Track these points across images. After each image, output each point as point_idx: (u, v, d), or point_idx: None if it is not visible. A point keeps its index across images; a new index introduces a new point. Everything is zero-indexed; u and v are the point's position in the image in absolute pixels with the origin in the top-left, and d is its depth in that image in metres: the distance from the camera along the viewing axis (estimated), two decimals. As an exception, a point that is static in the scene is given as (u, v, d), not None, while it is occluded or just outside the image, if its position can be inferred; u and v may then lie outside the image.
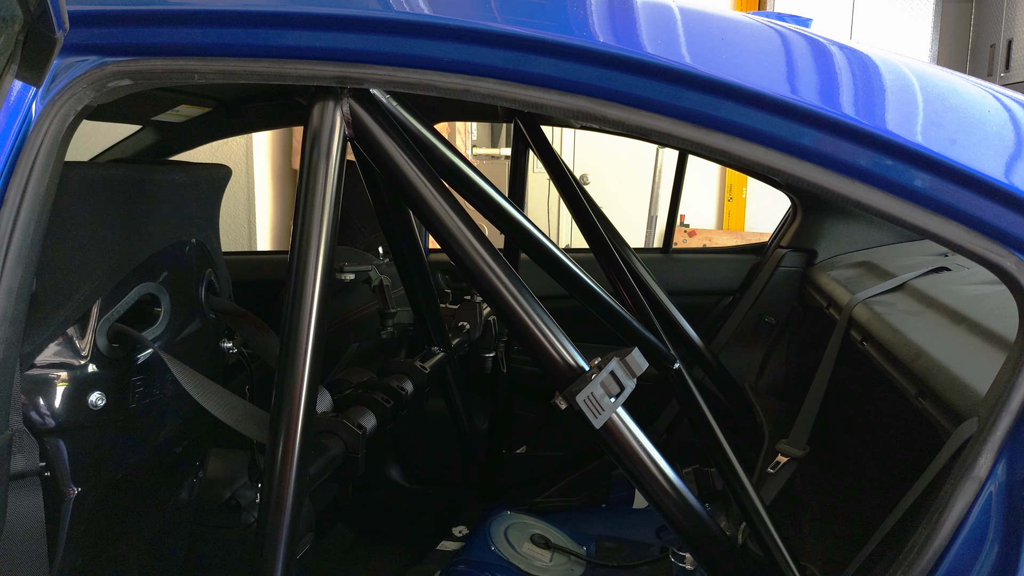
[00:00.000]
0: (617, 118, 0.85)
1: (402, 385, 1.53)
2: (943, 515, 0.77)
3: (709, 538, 1.00)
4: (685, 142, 0.85)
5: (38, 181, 0.84)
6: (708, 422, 1.47)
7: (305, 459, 0.94)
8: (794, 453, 1.52)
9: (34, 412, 0.99)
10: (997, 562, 0.77)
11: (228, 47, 0.88)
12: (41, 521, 0.95)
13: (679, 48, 0.84)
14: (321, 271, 0.91)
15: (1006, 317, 0.94)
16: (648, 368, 0.93)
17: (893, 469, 1.38)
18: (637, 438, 0.94)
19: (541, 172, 1.90)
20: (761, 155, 0.83)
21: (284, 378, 0.92)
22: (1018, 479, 0.76)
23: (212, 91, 1.70)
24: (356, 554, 2.06)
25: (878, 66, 0.87)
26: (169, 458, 1.26)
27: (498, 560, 1.68)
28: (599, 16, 0.87)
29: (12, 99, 0.83)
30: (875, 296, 1.62)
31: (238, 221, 3.88)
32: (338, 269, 2.05)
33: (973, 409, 0.85)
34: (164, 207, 1.18)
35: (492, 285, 0.93)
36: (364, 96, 0.93)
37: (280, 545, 0.92)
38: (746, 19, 0.95)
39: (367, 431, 1.31)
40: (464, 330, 1.95)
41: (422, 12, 0.86)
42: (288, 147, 4.16)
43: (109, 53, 0.89)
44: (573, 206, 1.63)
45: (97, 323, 1.05)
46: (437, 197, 0.94)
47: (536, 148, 1.73)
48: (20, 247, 0.83)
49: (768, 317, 2.30)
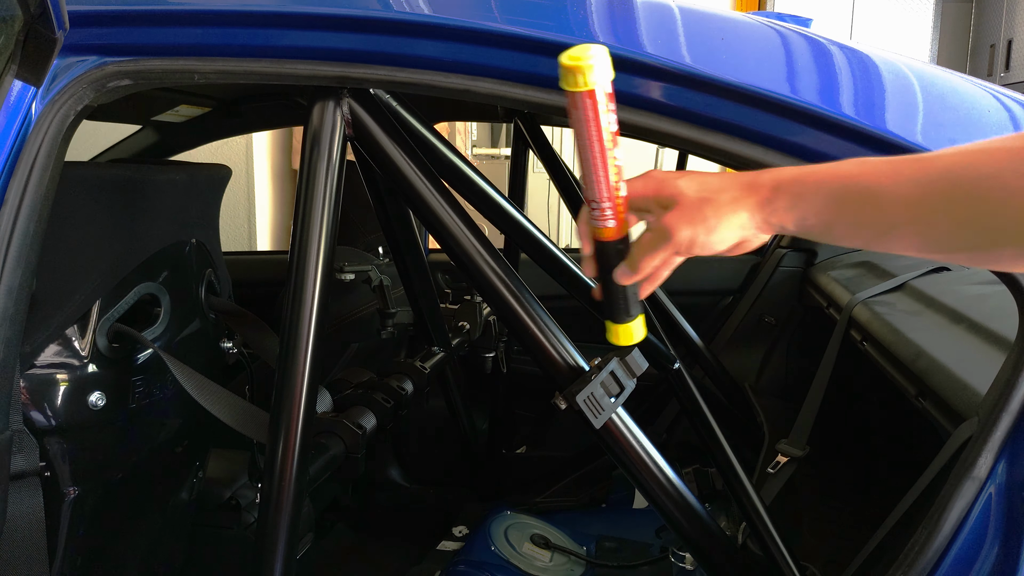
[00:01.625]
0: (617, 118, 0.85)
1: (402, 385, 1.53)
2: (943, 515, 0.77)
3: (709, 538, 1.00)
4: (685, 142, 0.85)
5: (38, 181, 0.84)
6: (708, 422, 1.47)
7: (305, 459, 0.94)
8: (794, 453, 1.52)
9: (34, 412, 0.99)
10: (997, 562, 0.77)
11: (228, 47, 0.88)
12: (41, 521, 0.95)
13: (679, 48, 0.84)
14: (321, 271, 0.91)
15: (1006, 317, 0.94)
16: (648, 368, 0.93)
17: (893, 469, 1.38)
18: (637, 438, 0.94)
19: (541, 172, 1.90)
20: (761, 155, 0.83)
21: (284, 378, 0.92)
22: (1018, 479, 0.76)
23: (212, 91, 1.70)
24: (356, 554, 2.06)
25: (878, 66, 0.87)
26: (169, 458, 1.26)
27: (498, 560, 1.68)
28: (599, 16, 0.87)
29: (12, 99, 0.83)
30: (875, 296, 1.62)
31: (238, 221, 3.88)
32: (338, 269, 2.05)
33: (973, 409, 0.85)
34: (164, 207, 1.18)
35: (492, 285, 0.93)
36: (364, 96, 0.93)
37: (280, 545, 0.92)
38: (746, 19, 0.95)
39: (367, 431, 1.31)
40: (464, 330, 1.95)
41: (422, 12, 0.86)
42: (288, 147, 4.16)
43: (109, 53, 0.89)
44: (573, 206, 1.63)
45: (97, 323, 1.05)
46: (437, 197, 0.94)
47: (536, 148, 1.73)
48: (20, 247, 0.83)
49: (768, 317, 2.30)
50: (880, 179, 0.60)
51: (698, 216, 0.65)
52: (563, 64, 0.65)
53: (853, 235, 0.62)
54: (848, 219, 0.62)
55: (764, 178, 0.65)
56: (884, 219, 0.60)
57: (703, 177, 0.67)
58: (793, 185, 0.63)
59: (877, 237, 0.61)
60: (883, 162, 0.61)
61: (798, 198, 0.63)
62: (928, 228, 0.58)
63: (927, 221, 0.58)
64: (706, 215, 0.65)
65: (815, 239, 0.65)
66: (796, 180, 0.64)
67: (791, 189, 0.63)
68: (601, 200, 0.70)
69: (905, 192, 0.58)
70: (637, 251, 0.70)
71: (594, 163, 0.69)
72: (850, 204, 0.61)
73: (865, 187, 0.61)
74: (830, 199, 0.62)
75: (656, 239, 0.68)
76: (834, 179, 0.62)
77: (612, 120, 0.67)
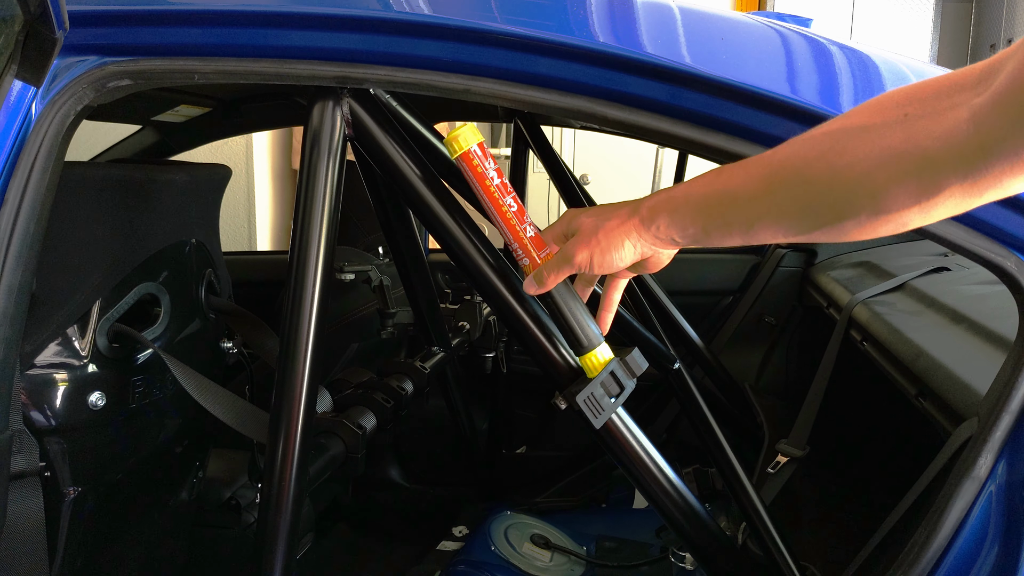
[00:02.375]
0: (617, 118, 0.85)
1: (402, 385, 1.53)
2: (943, 515, 0.77)
3: (709, 538, 1.00)
4: (685, 142, 0.85)
5: (38, 181, 0.84)
6: (708, 422, 1.47)
7: (305, 459, 0.94)
8: (794, 453, 1.52)
9: (34, 412, 0.99)
10: (997, 562, 0.77)
11: (228, 47, 0.88)
12: (41, 521, 0.95)
13: (679, 48, 0.84)
14: (321, 271, 0.91)
15: (1006, 317, 0.94)
16: (648, 368, 0.93)
17: (893, 469, 1.38)
18: (637, 438, 0.94)
19: (541, 172, 1.90)
20: (761, 155, 0.83)
21: (284, 378, 0.92)
22: (1018, 479, 0.77)
23: (212, 91, 1.70)
24: (356, 554, 2.06)
25: (878, 66, 0.87)
26: (169, 458, 1.26)
27: (498, 560, 1.68)
28: (599, 16, 0.87)
29: (12, 99, 0.83)
30: (875, 296, 1.62)
31: (238, 221, 3.88)
32: (338, 269, 2.05)
33: (973, 409, 0.85)
34: (164, 207, 1.18)
35: (492, 285, 0.93)
36: (364, 96, 0.93)
37: (280, 545, 0.92)
38: (746, 19, 0.95)
39: (367, 431, 1.31)
40: (464, 330, 1.95)
41: (422, 12, 0.86)
42: (288, 147, 4.16)
43: (109, 53, 0.89)
44: (573, 206, 1.63)
45: (97, 323, 1.05)
46: (437, 197, 0.94)
47: (536, 148, 1.73)
48: (20, 247, 0.83)
49: (768, 317, 2.30)
50: (734, 181, 0.69)
51: (592, 240, 0.77)
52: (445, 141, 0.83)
53: (725, 235, 0.70)
54: (717, 221, 0.70)
55: (644, 202, 0.76)
56: (746, 215, 0.68)
57: (602, 209, 0.79)
58: (667, 203, 0.74)
59: (745, 232, 0.69)
60: (736, 166, 0.70)
61: (674, 213, 0.73)
62: (782, 215, 0.66)
63: (780, 210, 0.65)
64: (599, 238, 0.77)
65: (700, 244, 0.74)
66: (669, 199, 0.74)
67: (666, 207, 0.74)
68: (510, 243, 0.84)
69: (755, 188, 0.67)
70: (543, 268, 0.82)
71: (490, 213, 0.84)
72: (715, 208, 0.70)
73: (723, 191, 0.69)
74: (699, 209, 0.72)
75: (558, 259, 0.81)
76: (698, 191, 0.72)
77: (494, 174, 0.82)
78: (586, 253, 0.78)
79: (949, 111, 0.55)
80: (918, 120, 0.57)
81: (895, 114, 0.62)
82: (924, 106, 0.60)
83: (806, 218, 0.64)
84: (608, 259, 0.77)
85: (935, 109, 0.58)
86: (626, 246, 0.76)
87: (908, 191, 0.57)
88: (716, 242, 0.72)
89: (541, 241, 0.84)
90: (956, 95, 0.58)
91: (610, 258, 0.77)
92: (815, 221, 0.64)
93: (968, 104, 0.54)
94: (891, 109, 0.63)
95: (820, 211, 0.63)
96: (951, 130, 0.54)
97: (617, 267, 0.79)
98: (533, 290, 0.83)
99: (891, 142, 0.57)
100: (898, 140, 0.57)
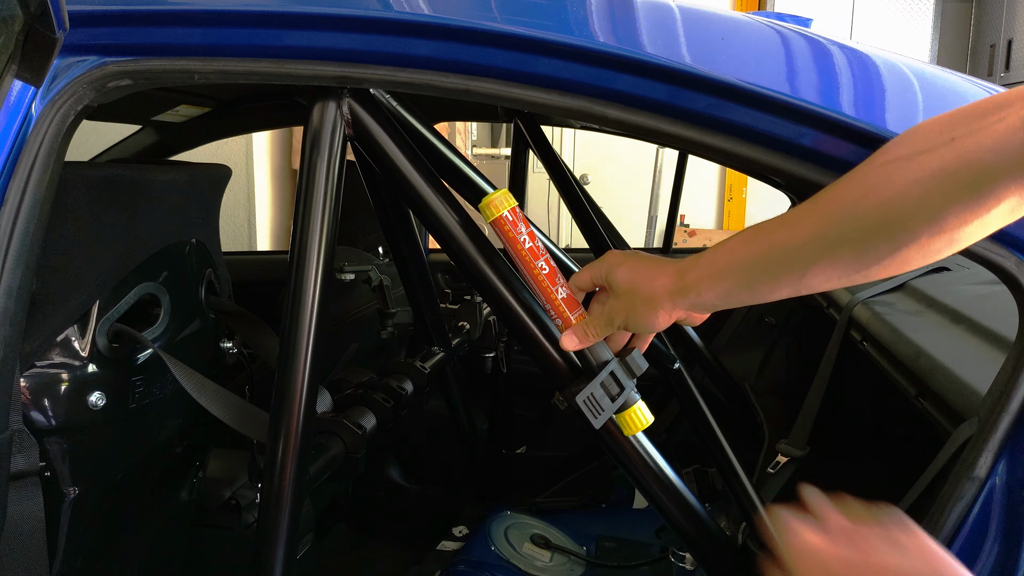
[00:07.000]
0: (617, 118, 0.85)
1: (402, 385, 1.53)
2: (943, 515, 0.77)
3: (709, 538, 1.00)
4: (685, 142, 0.85)
5: (38, 181, 0.84)
6: (708, 422, 1.47)
7: (305, 459, 0.94)
8: (794, 453, 1.52)
9: (34, 412, 0.99)
10: (997, 562, 0.77)
11: (228, 47, 0.88)
12: (41, 521, 0.94)
13: (679, 48, 0.84)
14: (321, 271, 0.91)
15: (1006, 317, 0.94)
16: (648, 368, 0.93)
17: (893, 469, 1.38)
18: (637, 438, 0.94)
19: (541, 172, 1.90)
20: (761, 155, 0.83)
21: (284, 378, 0.92)
22: (1018, 479, 0.76)
23: (212, 91, 1.70)
24: (356, 554, 2.06)
25: (878, 66, 0.87)
26: (169, 458, 1.26)
27: (498, 560, 1.68)
28: (599, 16, 0.87)
29: (12, 99, 0.83)
30: (875, 296, 1.62)
31: (238, 221, 3.87)
32: (338, 269, 2.05)
33: (973, 409, 0.85)
34: (164, 207, 1.18)
35: (492, 285, 0.93)
36: (364, 96, 0.93)
37: (280, 545, 0.92)
38: (746, 19, 0.95)
39: (367, 431, 1.31)
40: (464, 330, 1.95)
41: (422, 12, 0.86)
42: (288, 147, 4.16)
43: (109, 53, 0.88)
44: (573, 206, 1.63)
45: (97, 323, 1.05)
46: (437, 197, 0.94)
47: (536, 148, 1.73)
48: (20, 247, 0.83)
49: (768, 317, 2.30)
50: (779, 234, 0.70)
51: (628, 306, 0.81)
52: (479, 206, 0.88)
53: (774, 289, 0.71)
54: (765, 277, 0.71)
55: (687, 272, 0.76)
56: (797, 264, 0.68)
57: (641, 267, 0.81)
58: (708, 268, 0.75)
59: (797, 281, 0.69)
60: (774, 221, 0.71)
61: (718, 280, 0.74)
62: (836, 259, 0.66)
63: (832, 254, 0.66)
64: (635, 304, 0.80)
65: (743, 304, 0.75)
66: (711, 265, 0.75)
67: (708, 274, 0.75)
68: (545, 304, 0.87)
69: (803, 235, 0.68)
70: (585, 325, 0.85)
71: (524, 274, 0.87)
72: (761, 265, 0.71)
73: (769, 246, 0.70)
74: (744, 268, 0.72)
75: (601, 323, 0.84)
76: (741, 251, 0.73)
77: (526, 238, 0.86)
78: (623, 318, 0.82)
79: (998, 124, 0.57)
80: (967, 139, 0.59)
81: (941, 139, 0.62)
82: (970, 126, 0.61)
83: (862, 255, 0.65)
84: (643, 325, 0.81)
85: (982, 127, 0.59)
86: (660, 316, 0.79)
87: (967, 205, 0.58)
88: (763, 299, 0.73)
89: (574, 301, 0.87)
90: (1001, 111, 0.59)
91: (644, 324, 0.81)
92: (873, 256, 0.64)
93: (1018, 114, 0.56)
94: (935, 136, 0.63)
95: (877, 244, 0.64)
96: (1004, 139, 0.56)
97: (652, 331, 0.84)
98: (572, 346, 0.86)
99: (943, 164, 0.59)
100: (950, 160, 0.59)
